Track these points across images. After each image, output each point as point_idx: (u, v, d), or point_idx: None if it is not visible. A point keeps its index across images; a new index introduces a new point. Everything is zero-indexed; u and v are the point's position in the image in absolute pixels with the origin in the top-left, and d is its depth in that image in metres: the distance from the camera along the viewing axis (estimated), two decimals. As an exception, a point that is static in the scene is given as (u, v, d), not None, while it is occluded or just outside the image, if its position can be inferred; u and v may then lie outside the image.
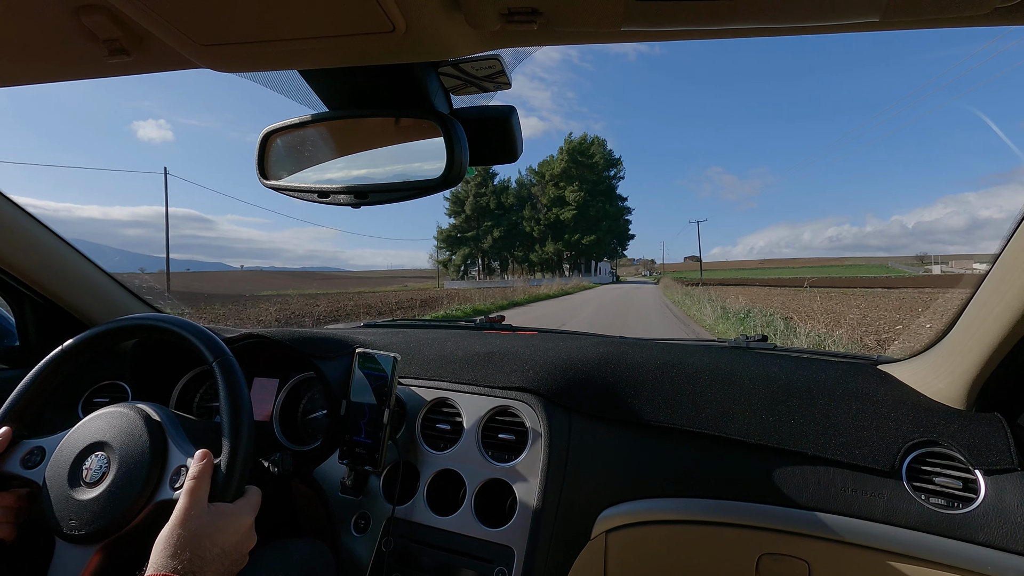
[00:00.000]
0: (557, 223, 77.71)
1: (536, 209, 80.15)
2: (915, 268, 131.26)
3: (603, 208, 76.04)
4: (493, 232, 76.70)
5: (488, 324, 1.62)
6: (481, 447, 1.02)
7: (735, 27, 0.42)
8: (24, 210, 1.16)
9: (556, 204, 77.10)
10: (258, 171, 0.74)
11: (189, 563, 0.60)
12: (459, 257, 79.87)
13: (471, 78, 0.64)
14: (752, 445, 0.93)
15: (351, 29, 0.45)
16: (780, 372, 1.03)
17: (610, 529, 0.95)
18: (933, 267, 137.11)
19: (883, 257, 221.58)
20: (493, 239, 76.55)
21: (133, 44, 0.50)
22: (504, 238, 77.92)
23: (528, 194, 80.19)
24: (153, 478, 0.72)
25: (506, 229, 77.39)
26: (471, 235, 77.78)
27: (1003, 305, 0.74)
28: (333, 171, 0.75)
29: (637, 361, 1.10)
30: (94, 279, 1.33)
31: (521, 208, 79.57)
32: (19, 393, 0.80)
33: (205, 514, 0.66)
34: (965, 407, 0.88)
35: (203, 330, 0.83)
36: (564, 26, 0.44)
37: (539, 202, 79.78)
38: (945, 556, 0.78)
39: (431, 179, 0.65)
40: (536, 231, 79.39)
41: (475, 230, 77.66)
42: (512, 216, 78.73)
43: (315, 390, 1.20)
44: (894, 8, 0.38)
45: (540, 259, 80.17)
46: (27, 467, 0.76)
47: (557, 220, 77.20)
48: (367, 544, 0.99)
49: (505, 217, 78.19)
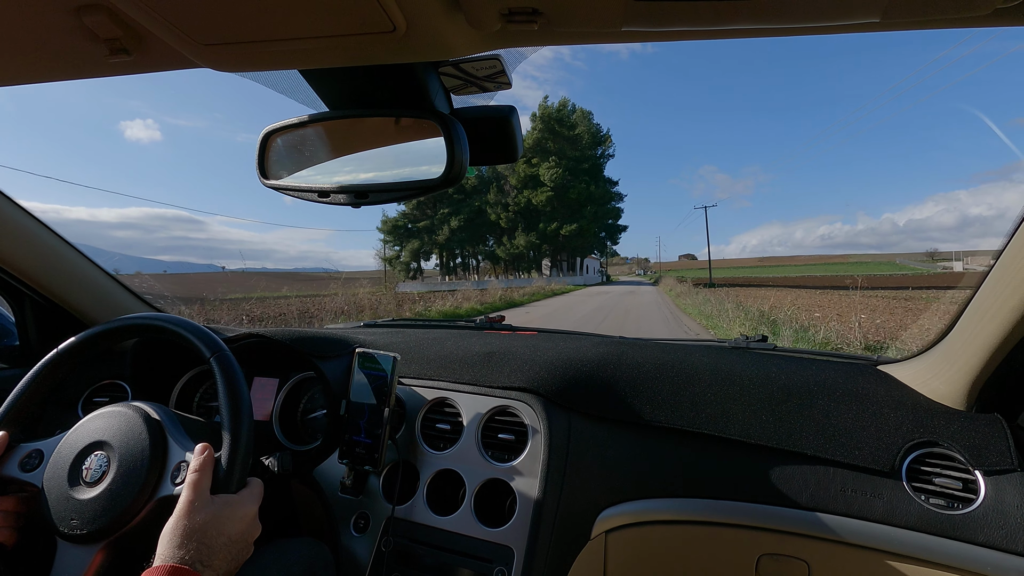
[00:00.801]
0: (529, 208, 58.67)
1: (503, 192, 60.21)
2: (928, 265, 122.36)
3: (586, 190, 56.99)
4: (450, 221, 58.00)
5: (488, 324, 1.62)
6: (481, 447, 1.02)
7: (735, 27, 0.42)
8: (25, 210, 1.16)
9: (528, 185, 58.38)
10: (258, 170, 0.74)
11: (196, 553, 0.61)
12: (408, 253, 61.26)
13: (471, 78, 0.64)
14: (752, 445, 0.93)
15: (352, 29, 0.45)
16: (780, 372, 1.03)
17: (610, 529, 0.95)
18: (954, 263, 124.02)
19: (890, 254, 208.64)
20: (451, 230, 58.07)
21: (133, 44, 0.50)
22: (465, 228, 59.47)
23: (494, 173, 58.68)
24: (153, 475, 0.72)
25: (467, 217, 58.82)
26: (423, 225, 59.47)
27: (1003, 306, 0.74)
28: (333, 171, 0.75)
29: (637, 361, 1.10)
30: (94, 278, 1.33)
31: (485, 191, 59.61)
32: (15, 396, 0.80)
33: (209, 505, 0.66)
34: (965, 407, 0.88)
35: (201, 328, 0.83)
36: (564, 26, 0.44)
37: (507, 183, 59.97)
38: (945, 556, 0.78)
39: (431, 179, 0.65)
40: (503, 219, 59.34)
41: (428, 219, 59.19)
42: (475, 201, 59.24)
43: (315, 390, 1.20)
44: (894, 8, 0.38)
45: (509, 254, 61.38)
46: (26, 470, 0.76)
47: (529, 205, 58.26)
48: (367, 544, 0.99)
49: (466, 203, 58.92)
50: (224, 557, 0.63)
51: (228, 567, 0.64)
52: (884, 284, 37.49)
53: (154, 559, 0.60)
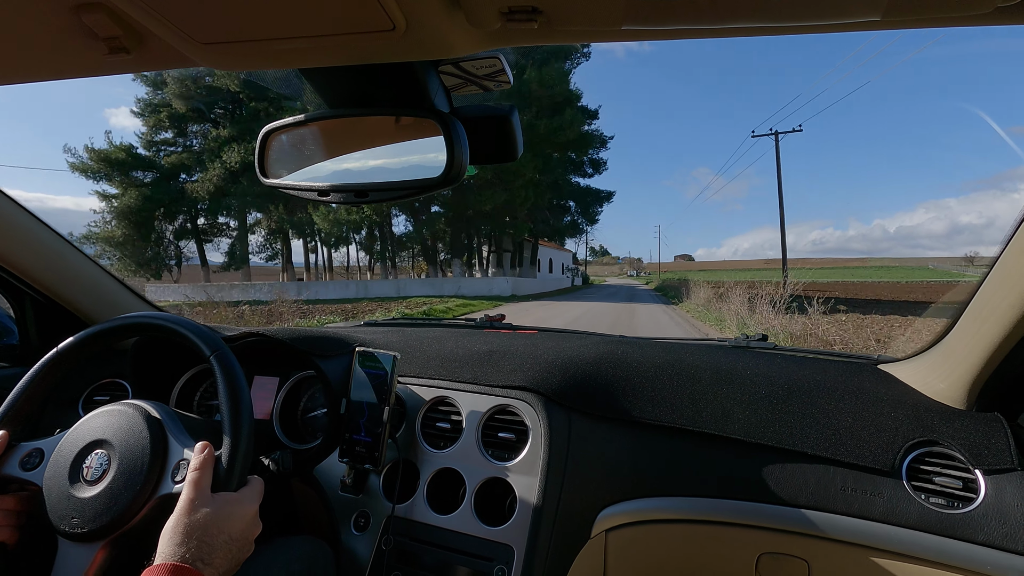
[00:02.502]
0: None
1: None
2: (966, 269, 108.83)
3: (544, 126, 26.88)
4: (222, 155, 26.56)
5: (488, 323, 1.62)
6: (481, 446, 1.02)
7: (735, 26, 0.42)
8: (24, 208, 1.16)
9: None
10: (258, 169, 0.74)
11: (197, 551, 0.61)
12: (121, 225, 27.86)
13: (471, 77, 0.64)
14: (752, 444, 0.93)
15: (351, 28, 0.45)
16: (780, 371, 1.03)
17: (610, 528, 0.95)
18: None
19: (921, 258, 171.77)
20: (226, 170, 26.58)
21: (133, 42, 0.50)
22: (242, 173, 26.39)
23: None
24: (154, 473, 0.72)
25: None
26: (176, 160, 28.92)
27: (1003, 305, 0.74)
28: (333, 169, 0.74)
29: (638, 360, 1.10)
30: (94, 277, 1.33)
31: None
32: (15, 396, 0.80)
33: (210, 503, 0.66)
34: (965, 407, 0.88)
35: (200, 326, 0.83)
36: (564, 25, 0.44)
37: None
38: (945, 556, 0.78)
39: (431, 178, 0.65)
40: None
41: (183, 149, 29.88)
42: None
43: (315, 388, 1.20)
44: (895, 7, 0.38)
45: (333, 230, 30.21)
46: (26, 469, 0.76)
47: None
48: (367, 543, 0.99)
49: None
50: (225, 555, 0.64)
51: (229, 565, 0.64)
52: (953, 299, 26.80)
53: (155, 557, 0.61)
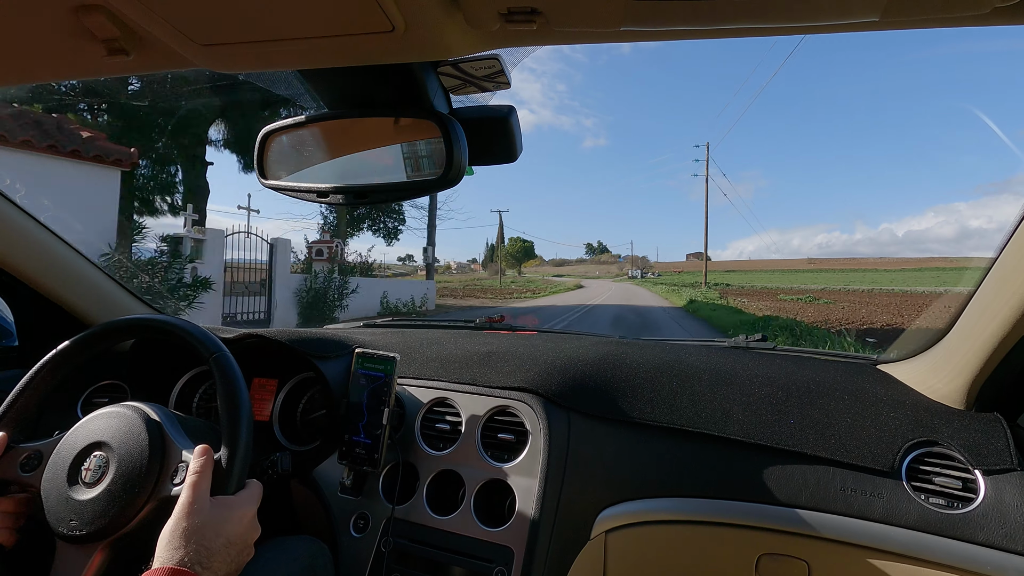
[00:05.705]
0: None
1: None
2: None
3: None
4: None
5: (487, 324, 1.62)
6: (480, 447, 1.02)
7: (735, 27, 0.42)
8: (23, 209, 1.16)
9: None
10: (257, 170, 0.74)
11: (195, 554, 0.60)
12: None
13: (470, 78, 0.64)
14: (752, 445, 0.93)
15: (350, 29, 0.45)
16: (780, 372, 1.03)
17: (609, 529, 0.95)
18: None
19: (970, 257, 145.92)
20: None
21: (132, 44, 0.50)
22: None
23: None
24: (153, 475, 0.72)
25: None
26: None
27: (1003, 305, 0.74)
28: (332, 171, 0.75)
29: (637, 361, 1.10)
30: (93, 279, 1.33)
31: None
32: (14, 398, 0.80)
33: (208, 507, 0.66)
34: (965, 407, 0.88)
35: (198, 328, 0.83)
36: (564, 26, 0.44)
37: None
38: (944, 556, 0.78)
39: (430, 179, 0.65)
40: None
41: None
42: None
43: (314, 390, 1.20)
44: (894, 7, 0.38)
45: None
46: (25, 471, 0.76)
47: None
48: (366, 544, 0.99)
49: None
50: (223, 559, 0.63)
51: (228, 569, 0.64)
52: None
53: (153, 561, 0.60)
